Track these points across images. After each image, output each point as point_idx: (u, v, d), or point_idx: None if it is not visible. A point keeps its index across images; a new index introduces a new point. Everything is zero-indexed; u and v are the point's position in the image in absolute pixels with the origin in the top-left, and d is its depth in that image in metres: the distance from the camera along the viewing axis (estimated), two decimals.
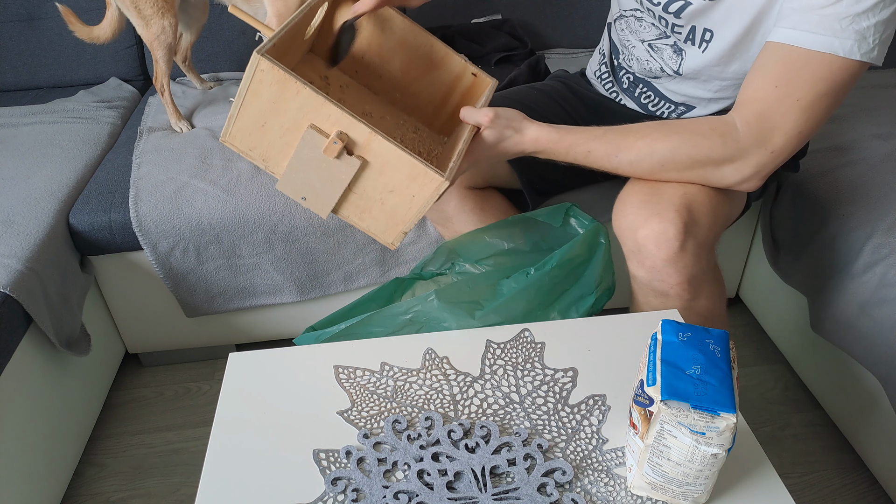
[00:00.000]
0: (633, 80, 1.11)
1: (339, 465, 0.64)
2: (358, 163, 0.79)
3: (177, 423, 1.33)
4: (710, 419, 0.54)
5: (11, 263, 1.07)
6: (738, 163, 0.85)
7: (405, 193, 0.82)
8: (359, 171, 0.80)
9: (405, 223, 0.85)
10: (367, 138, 0.77)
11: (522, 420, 0.69)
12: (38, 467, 1.08)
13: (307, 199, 0.85)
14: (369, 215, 0.86)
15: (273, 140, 0.81)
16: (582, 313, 0.92)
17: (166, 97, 1.42)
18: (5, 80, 1.67)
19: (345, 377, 0.74)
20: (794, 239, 1.26)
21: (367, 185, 0.82)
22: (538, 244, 1.03)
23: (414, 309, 0.86)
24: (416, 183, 0.80)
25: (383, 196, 0.83)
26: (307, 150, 0.79)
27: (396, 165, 0.79)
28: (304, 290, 1.33)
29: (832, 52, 0.78)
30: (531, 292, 0.87)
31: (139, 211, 1.21)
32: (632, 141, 0.88)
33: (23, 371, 1.06)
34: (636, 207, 0.87)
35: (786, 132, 0.83)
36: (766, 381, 1.39)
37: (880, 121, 1.39)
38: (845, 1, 0.76)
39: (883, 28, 0.78)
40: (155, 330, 1.37)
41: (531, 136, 0.89)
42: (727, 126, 0.85)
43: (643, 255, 0.87)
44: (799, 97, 0.81)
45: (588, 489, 0.62)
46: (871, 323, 1.05)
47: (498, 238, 1.03)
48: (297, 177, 0.82)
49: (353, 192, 0.83)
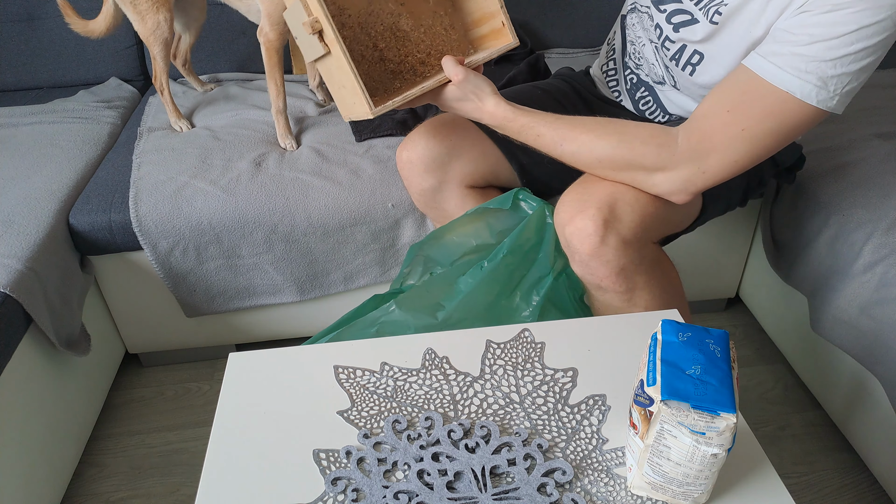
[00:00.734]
0: (635, 82, 1.11)
1: (339, 465, 0.64)
2: (323, 51, 0.89)
3: (176, 423, 1.32)
4: (710, 419, 0.54)
5: (11, 263, 1.07)
6: (669, 173, 0.88)
7: (349, 98, 0.92)
8: (324, 56, 0.91)
9: (350, 117, 0.96)
10: (331, 39, 0.87)
11: (522, 420, 0.69)
12: (38, 467, 1.08)
13: (298, 38, 0.95)
14: (330, 86, 0.97)
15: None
16: (543, 295, 0.93)
17: (165, 96, 1.42)
18: (5, 80, 1.67)
19: (345, 377, 0.74)
20: (794, 239, 1.26)
21: (329, 67, 0.93)
22: (503, 234, 1.03)
23: (379, 321, 0.87)
24: (356, 97, 0.90)
25: (336, 89, 0.94)
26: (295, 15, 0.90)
27: (348, 73, 0.88)
28: (304, 290, 1.33)
29: (790, 92, 0.79)
30: (489, 284, 0.89)
31: (139, 211, 1.21)
32: (577, 133, 0.91)
33: (23, 371, 1.06)
34: (567, 205, 0.91)
35: (722, 157, 0.84)
36: (766, 381, 1.39)
37: (880, 121, 1.39)
38: (819, 45, 0.76)
39: (848, 80, 0.78)
40: (155, 330, 1.37)
41: (489, 110, 0.93)
42: (668, 137, 0.87)
43: (572, 249, 0.91)
44: (745, 127, 0.82)
45: (588, 489, 0.62)
46: (871, 323, 1.05)
47: (464, 236, 1.04)
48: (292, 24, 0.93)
49: (321, 64, 0.94)
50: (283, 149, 1.35)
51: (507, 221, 1.04)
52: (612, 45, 1.16)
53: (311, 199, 1.23)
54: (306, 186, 1.24)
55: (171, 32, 1.36)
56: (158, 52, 1.37)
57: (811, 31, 0.77)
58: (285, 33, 1.26)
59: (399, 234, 1.29)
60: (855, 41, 0.75)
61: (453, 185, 1.12)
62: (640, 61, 1.07)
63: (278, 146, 1.36)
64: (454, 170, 1.11)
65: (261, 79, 1.67)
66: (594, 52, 1.78)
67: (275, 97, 1.32)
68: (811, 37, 0.76)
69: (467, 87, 0.92)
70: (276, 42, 1.26)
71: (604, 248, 0.88)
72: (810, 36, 0.77)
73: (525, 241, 0.94)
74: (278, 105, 1.33)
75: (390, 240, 1.29)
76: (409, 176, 1.14)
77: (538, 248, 0.96)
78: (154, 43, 1.36)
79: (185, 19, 1.50)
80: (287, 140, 1.35)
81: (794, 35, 0.78)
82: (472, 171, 1.12)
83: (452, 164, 1.10)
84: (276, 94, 1.31)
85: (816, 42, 0.76)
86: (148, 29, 1.34)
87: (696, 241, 1.38)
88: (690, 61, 0.96)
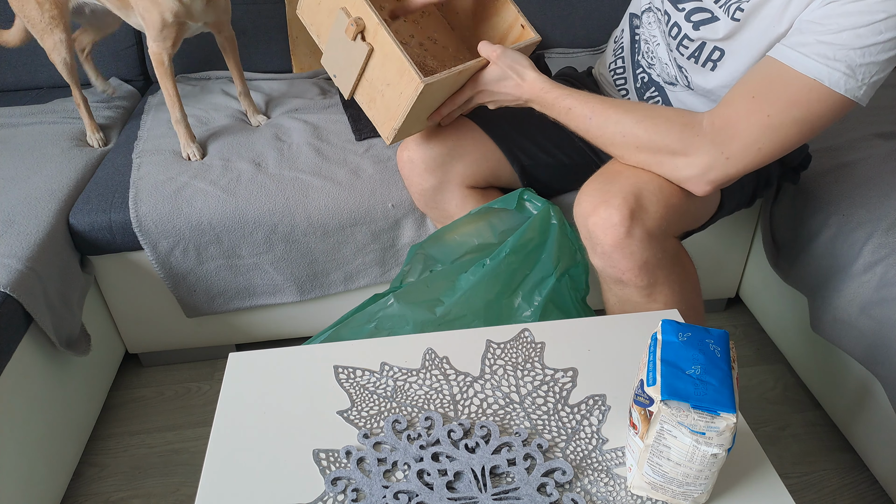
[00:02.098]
0: (646, 81, 1.09)
1: (339, 465, 0.64)
2: (367, 48, 0.92)
3: (177, 423, 1.32)
4: (710, 419, 0.54)
5: (11, 263, 1.07)
6: (691, 157, 0.87)
7: (396, 89, 0.93)
8: (368, 58, 0.94)
9: (395, 119, 0.96)
10: (374, 28, 0.90)
11: (522, 420, 0.69)
12: (38, 467, 1.08)
13: (337, 76, 1.01)
14: (374, 105, 0.99)
15: (322, 19, 0.99)
16: (545, 296, 0.92)
17: (83, 110, 1.42)
18: (5, 80, 1.67)
19: (345, 377, 0.74)
20: (794, 239, 1.26)
21: (373, 75, 0.96)
22: (506, 234, 1.03)
23: (377, 316, 0.87)
24: (403, 79, 0.91)
25: (383, 88, 0.95)
26: (336, 30, 0.95)
27: (392, 58, 0.91)
28: (304, 291, 1.33)
29: (817, 79, 0.78)
30: (490, 282, 0.89)
31: (139, 211, 1.21)
32: (606, 108, 0.92)
33: (23, 371, 1.06)
34: (589, 196, 0.90)
35: (745, 143, 0.84)
36: (766, 381, 1.39)
37: (880, 121, 1.39)
38: (847, 34, 0.76)
39: (876, 70, 0.78)
40: (155, 330, 1.37)
41: (530, 80, 0.95)
42: (693, 120, 0.87)
43: (594, 241, 0.89)
44: (770, 114, 0.82)
45: (588, 489, 0.62)
46: (871, 323, 1.05)
47: (466, 236, 1.04)
48: (331, 55, 1.00)
49: (364, 79, 0.98)
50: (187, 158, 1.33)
51: (510, 221, 1.04)
52: (620, 44, 1.15)
53: (311, 199, 1.23)
54: (306, 186, 1.24)
55: (69, 53, 1.36)
56: (61, 70, 1.38)
57: (838, 20, 0.76)
58: (168, 48, 1.25)
59: (399, 235, 1.29)
60: (883, 30, 0.75)
61: (454, 185, 1.12)
62: (653, 61, 1.06)
63: (274, 146, 1.36)
64: (455, 170, 1.11)
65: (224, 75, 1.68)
66: (594, 52, 1.77)
67: (170, 107, 1.31)
68: (839, 26, 0.76)
69: (506, 60, 0.94)
70: (160, 55, 1.25)
71: (629, 240, 0.87)
72: (838, 25, 0.76)
73: (528, 240, 0.93)
74: (175, 115, 1.31)
75: (390, 240, 1.29)
76: (410, 176, 1.14)
77: (541, 248, 0.95)
78: (56, 62, 1.37)
79: (97, 24, 1.50)
80: (190, 148, 1.33)
81: (821, 25, 0.78)
82: (473, 171, 1.12)
83: (453, 165, 1.10)
84: (172, 104, 1.30)
85: (844, 31, 0.76)
86: (48, 47, 1.35)
87: (696, 241, 1.38)
88: (711, 58, 0.95)
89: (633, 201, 0.86)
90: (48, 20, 1.31)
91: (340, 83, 1.01)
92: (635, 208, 0.86)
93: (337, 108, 1.51)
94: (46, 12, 1.31)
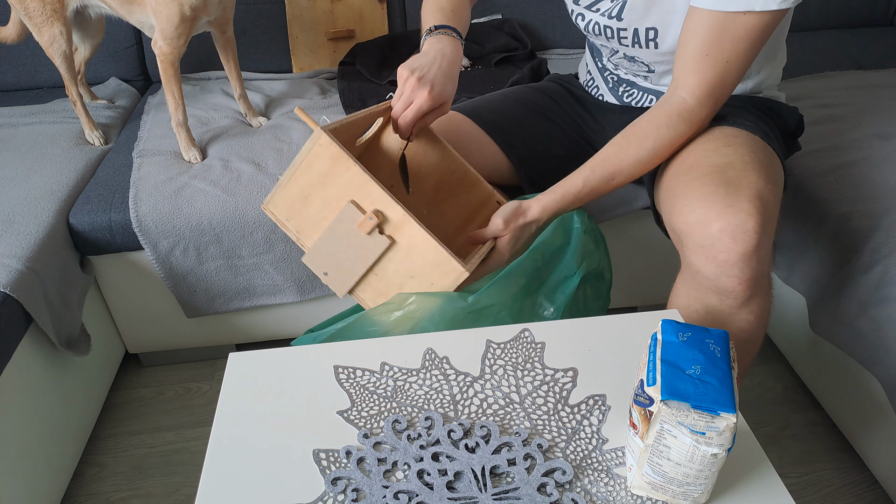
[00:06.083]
0: (617, 80, 1.13)
1: (339, 465, 0.64)
2: (387, 242, 0.82)
3: (177, 423, 1.33)
4: (710, 419, 0.54)
5: (11, 263, 1.07)
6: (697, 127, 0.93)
7: (425, 280, 0.84)
8: (385, 252, 0.83)
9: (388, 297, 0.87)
10: (400, 219, 0.80)
11: (522, 420, 0.69)
12: (38, 467, 1.08)
13: (329, 274, 0.87)
14: (384, 300, 0.87)
15: (311, 213, 0.84)
16: (568, 294, 0.92)
17: (79, 108, 1.42)
18: (5, 80, 1.67)
19: (344, 377, 0.74)
20: (795, 239, 1.26)
21: (389, 268, 0.85)
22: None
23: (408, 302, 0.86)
24: (437, 271, 0.82)
25: (403, 280, 0.85)
26: (342, 224, 0.82)
27: (423, 250, 0.81)
28: (304, 290, 1.33)
29: (749, 10, 0.82)
30: (517, 275, 0.89)
31: (139, 211, 1.21)
32: (616, 164, 0.93)
33: (23, 371, 1.06)
34: (705, 201, 0.83)
35: (726, 89, 0.90)
36: (766, 381, 1.39)
37: (880, 121, 1.39)
38: None
39: None
40: (155, 330, 1.37)
41: (536, 212, 0.93)
42: (683, 106, 0.90)
43: (717, 248, 0.81)
44: (729, 58, 0.86)
45: (588, 489, 0.62)
46: (871, 323, 1.05)
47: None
48: (326, 251, 0.85)
49: (373, 274, 0.86)
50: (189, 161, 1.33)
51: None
52: (585, 60, 1.21)
53: None
54: None
55: (69, 45, 1.36)
56: (59, 64, 1.37)
57: None
58: (180, 47, 1.25)
59: None
60: None
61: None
62: (617, 61, 1.09)
63: (274, 146, 1.36)
64: None
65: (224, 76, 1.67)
66: None
67: (174, 110, 1.31)
68: None
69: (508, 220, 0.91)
70: (171, 55, 1.25)
71: (757, 250, 0.80)
72: None
73: (551, 242, 0.93)
74: (178, 118, 1.31)
75: None
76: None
77: (564, 249, 0.95)
78: (54, 55, 1.36)
79: (81, 34, 1.50)
80: (190, 152, 1.33)
81: None
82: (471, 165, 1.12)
83: None
84: (175, 107, 1.30)
85: None
86: (45, 41, 1.34)
87: None
88: (649, 38, 0.98)
89: (761, 206, 0.81)
90: (49, 13, 1.31)
91: (333, 281, 0.87)
92: (763, 213, 0.80)
93: (337, 109, 1.51)
94: (48, 5, 1.30)
